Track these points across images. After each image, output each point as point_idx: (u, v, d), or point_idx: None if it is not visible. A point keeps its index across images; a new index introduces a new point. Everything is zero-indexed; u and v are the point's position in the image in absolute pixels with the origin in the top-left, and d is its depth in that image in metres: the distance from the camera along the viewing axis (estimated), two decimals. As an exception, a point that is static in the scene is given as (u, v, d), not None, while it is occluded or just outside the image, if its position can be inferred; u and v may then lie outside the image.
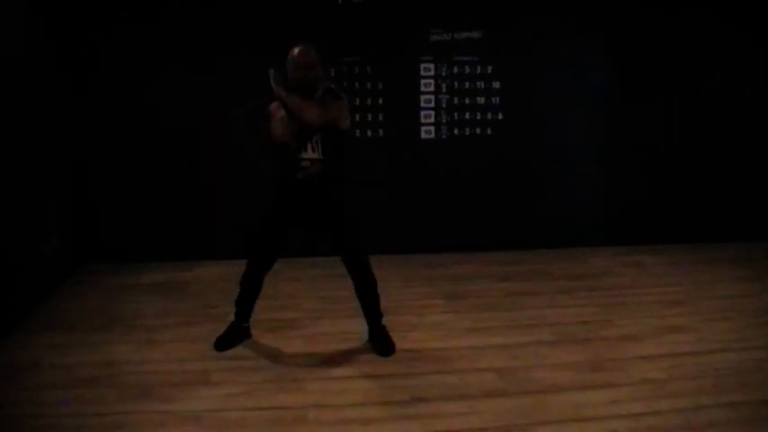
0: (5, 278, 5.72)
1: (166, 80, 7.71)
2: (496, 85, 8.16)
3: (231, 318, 5.63)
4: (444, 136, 8.17)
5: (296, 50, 5.11)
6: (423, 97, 8.12)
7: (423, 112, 8.13)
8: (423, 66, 8.09)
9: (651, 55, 8.30)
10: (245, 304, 5.55)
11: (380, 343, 5.39)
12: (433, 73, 8.12)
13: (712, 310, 6.18)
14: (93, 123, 7.70)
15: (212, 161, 7.89)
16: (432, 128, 8.17)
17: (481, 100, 8.17)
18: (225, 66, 7.73)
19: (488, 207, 8.23)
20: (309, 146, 5.10)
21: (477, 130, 8.18)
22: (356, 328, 5.67)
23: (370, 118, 8.04)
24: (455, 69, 8.13)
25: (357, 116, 7.89)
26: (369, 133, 8.03)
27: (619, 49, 8.27)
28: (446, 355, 5.27)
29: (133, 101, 7.74)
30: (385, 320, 5.51)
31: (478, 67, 8.14)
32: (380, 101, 8.04)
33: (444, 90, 8.14)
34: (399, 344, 5.40)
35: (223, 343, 5.45)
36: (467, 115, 8.18)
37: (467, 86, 8.13)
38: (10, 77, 5.92)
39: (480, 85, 8.17)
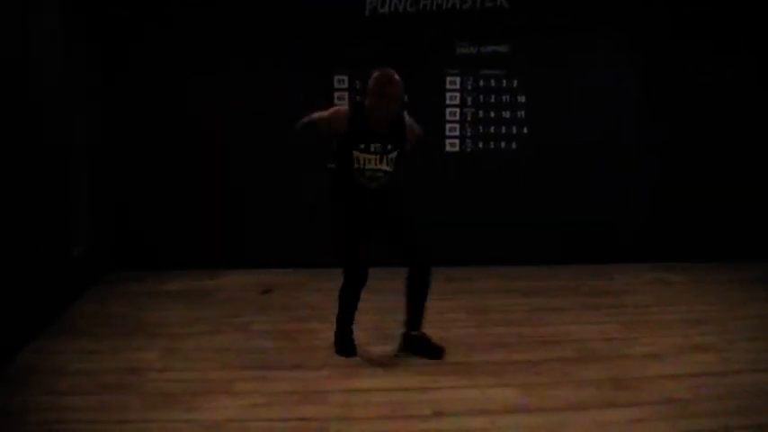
0: (33, 283, 5.76)
1: (196, 86, 7.84)
2: (522, 98, 8.17)
3: (262, 327, 5.96)
4: (469, 149, 8.18)
5: (389, 80, 5.31)
6: (448, 110, 8.14)
7: (448, 125, 8.14)
8: (449, 79, 8.12)
9: (683, 72, 8.28)
10: (346, 318, 5.60)
11: (428, 347, 5.51)
12: (458, 86, 8.15)
13: (738, 330, 6.12)
14: (122, 131, 7.78)
15: (239, 169, 7.98)
16: (457, 141, 8.19)
17: (506, 114, 8.17)
18: (257, 72, 7.81)
19: (513, 221, 8.22)
20: (385, 160, 5.36)
21: (503, 144, 8.18)
22: (380, 341, 5.70)
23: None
24: (481, 83, 8.14)
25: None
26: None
27: (649, 65, 8.25)
28: (469, 370, 5.25)
29: (160, 108, 7.85)
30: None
31: (504, 81, 8.15)
32: (406, 114, 8.03)
33: (470, 103, 8.15)
34: (422, 358, 5.42)
35: (345, 349, 5.53)
36: (492, 129, 8.18)
37: (492, 100, 8.14)
38: (40, 82, 6.00)
39: (506, 98, 8.18)
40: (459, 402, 4.70)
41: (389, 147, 5.38)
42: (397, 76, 5.30)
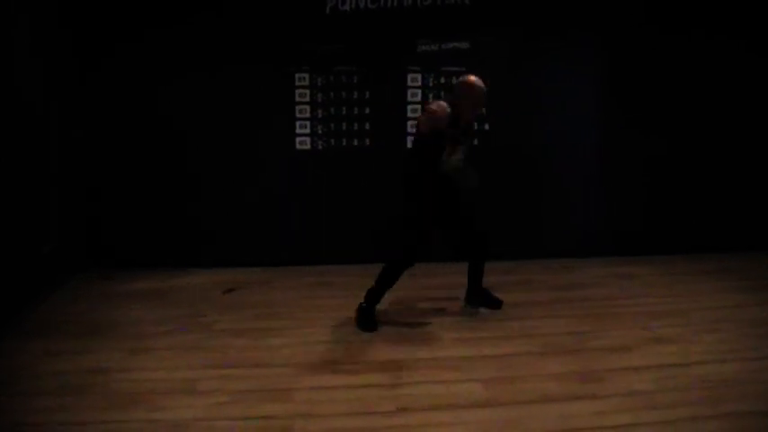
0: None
1: (165, 88, 7.81)
2: (483, 95, 8.17)
3: (226, 325, 6.03)
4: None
5: (481, 87, 6.07)
6: (410, 107, 8.13)
7: (410, 122, 8.13)
8: (410, 76, 8.10)
9: (644, 64, 8.33)
10: (381, 295, 6.14)
11: (489, 298, 6.57)
12: (420, 83, 8.14)
13: (702, 322, 6.16)
14: (92, 132, 7.76)
15: (207, 169, 7.95)
16: (419, 137, 8.17)
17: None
18: (220, 72, 7.80)
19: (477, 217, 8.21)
20: (462, 149, 5.99)
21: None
22: (344, 337, 5.71)
23: (356, 127, 8.05)
24: (442, 80, 8.14)
25: (344, 125, 7.99)
26: (355, 142, 8.04)
27: (611, 59, 8.30)
28: (433, 365, 5.26)
29: (129, 109, 7.85)
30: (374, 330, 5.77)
31: (465, 78, 8.15)
32: (367, 110, 8.06)
33: (431, 100, 8.13)
34: (386, 354, 5.43)
35: (371, 325, 6.01)
36: (454, 125, 8.18)
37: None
38: (10, 78, 5.98)
39: (467, 95, 8.17)
40: (423, 398, 4.70)
41: (463, 138, 6.01)
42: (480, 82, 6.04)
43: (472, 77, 6.04)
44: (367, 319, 6.02)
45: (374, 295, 6.10)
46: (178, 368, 5.21)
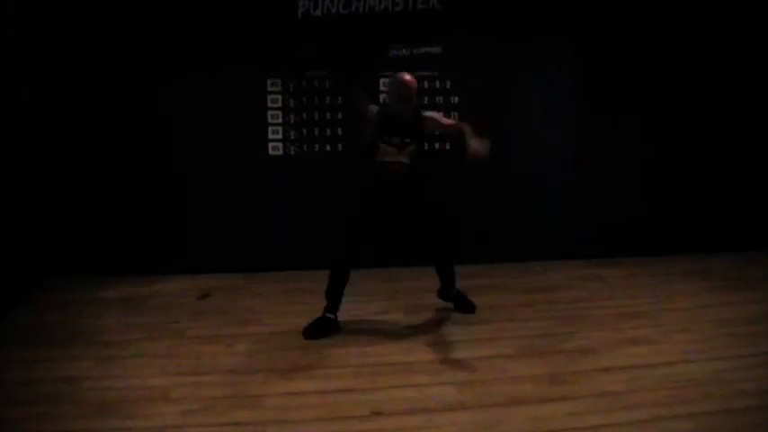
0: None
1: (140, 95, 7.78)
2: (455, 99, 8.19)
3: (199, 332, 5.99)
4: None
5: (410, 84, 6.05)
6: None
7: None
8: (382, 80, 8.10)
9: (619, 69, 8.38)
10: (336, 295, 6.11)
11: (463, 302, 6.61)
12: (392, 88, 8.15)
13: (671, 323, 6.22)
14: (59, 136, 7.70)
15: (179, 175, 7.91)
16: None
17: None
18: (190, 80, 7.78)
19: (447, 221, 8.24)
20: (404, 152, 6.06)
21: (437, 145, 8.19)
22: (316, 344, 5.75)
23: (329, 133, 8.07)
24: (414, 84, 8.16)
25: (316, 131, 8.00)
26: (328, 148, 8.05)
27: (584, 63, 8.33)
28: (406, 369, 5.28)
29: (103, 113, 7.79)
30: (344, 333, 5.85)
31: (437, 82, 8.17)
32: (340, 115, 8.07)
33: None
34: (359, 359, 5.45)
35: (313, 332, 5.95)
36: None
37: (426, 101, 8.12)
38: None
39: (439, 99, 8.20)
40: (396, 402, 4.73)
41: (407, 140, 6.04)
42: (409, 78, 6.04)
43: (401, 73, 6.13)
44: (315, 325, 6.03)
45: (327, 299, 6.12)
46: (150, 376, 5.19)
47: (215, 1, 7.85)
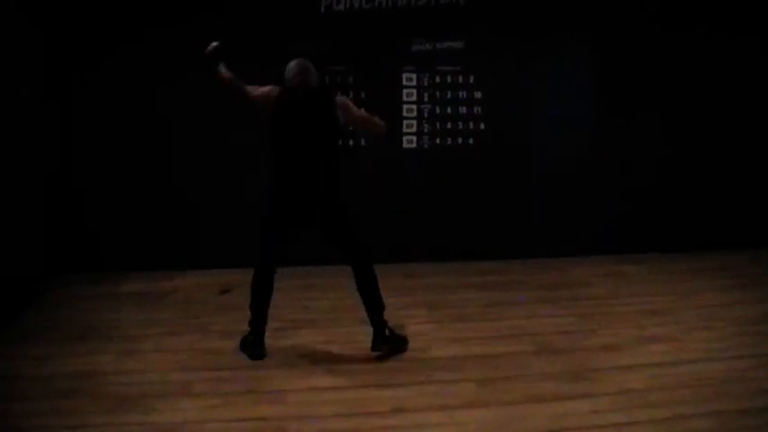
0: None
1: (150, 92, 7.72)
2: (478, 94, 8.17)
3: (220, 327, 5.98)
4: (426, 145, 8.17)
5: (292, 64, 5.69)
6: (405, 107, 8.13)
7: (405, 122, 8.13)
8: (405, 75, 8.09)
9: (638, 64, 8.32)
10: (253, 312, 5.50)
11: (393, 340, 5.51)
12: (415, 83, 8.13)
13: (693, 320, 6.19)
14: (73, 131, 7.69)
15: (193, 169, 7.88)
16: (414, 137, 8.17)
17: (463, 110, 8.17)
18: (195, 78, 7.71)
19: (468, 217, 8.22)
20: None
21: (459, 140, 8.18)
22: (337, 338, 5.74)
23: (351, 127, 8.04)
24: (437, 79, 8.14)
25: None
26: (351, 142, 8.02)
27: (605, 59, 8.29)
28: (427, 366, 5.27)
29: (114, 110, 7.73)
30: (365, 328, 5.52)
31: (460, 77, 8.15)
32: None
33: (426, 100, 8.15)
34: (380, 354, 5.43)
35: (251, 351, 5.45)
36: (449, 125, 8.18)
37: (449, 96, 8.13)
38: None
39: (462, 94, 8.18)
40: (417, 398, 4.72)
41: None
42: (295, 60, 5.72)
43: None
44: (245, 344, 5.57)
45: (251, 313, 5.54)
46: (171, 370, 5.20)
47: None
